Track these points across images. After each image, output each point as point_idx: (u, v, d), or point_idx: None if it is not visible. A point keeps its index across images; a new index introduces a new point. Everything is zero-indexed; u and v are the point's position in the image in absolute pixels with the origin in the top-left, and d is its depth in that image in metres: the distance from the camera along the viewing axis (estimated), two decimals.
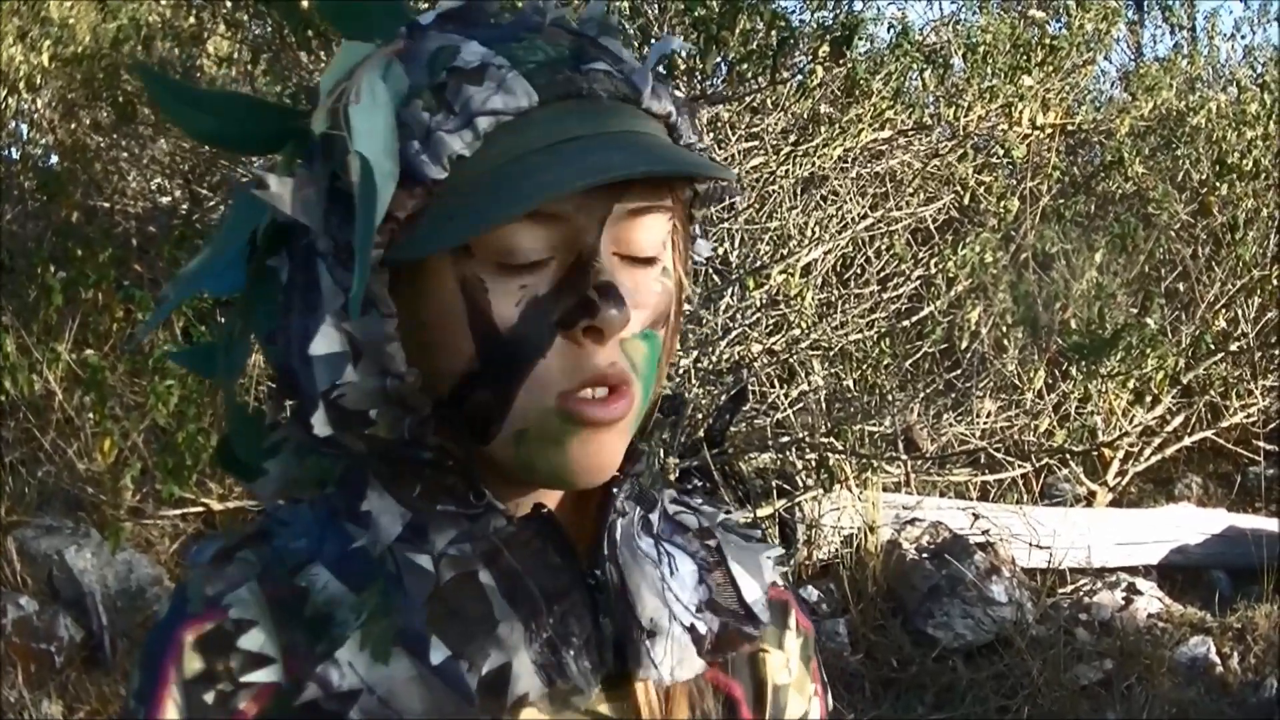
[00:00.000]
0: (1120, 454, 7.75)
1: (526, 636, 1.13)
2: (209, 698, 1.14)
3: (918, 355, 7.49)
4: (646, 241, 1.13)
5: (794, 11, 6.38)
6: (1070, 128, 8.30)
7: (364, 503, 1.14)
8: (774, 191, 6.84)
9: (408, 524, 1.13)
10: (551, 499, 1.18)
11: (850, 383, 7.21)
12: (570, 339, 1.09)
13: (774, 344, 6.91)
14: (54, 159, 8.69)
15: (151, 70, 1.22)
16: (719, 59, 5.98)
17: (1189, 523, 7.20)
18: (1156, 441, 7.86)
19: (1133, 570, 6.92)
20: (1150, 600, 6.53)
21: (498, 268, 1.08)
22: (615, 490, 1.19)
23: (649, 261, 1.13)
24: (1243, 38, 10.90)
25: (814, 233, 6.94)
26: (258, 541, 1.21)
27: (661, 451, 1.26)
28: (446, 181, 1.06)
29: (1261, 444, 8.08)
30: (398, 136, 1.07)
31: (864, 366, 7.11)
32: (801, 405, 7.18)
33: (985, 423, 7.32)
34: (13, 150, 8.87)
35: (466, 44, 1.09)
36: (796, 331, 6.80)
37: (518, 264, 1.09)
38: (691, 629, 1.19)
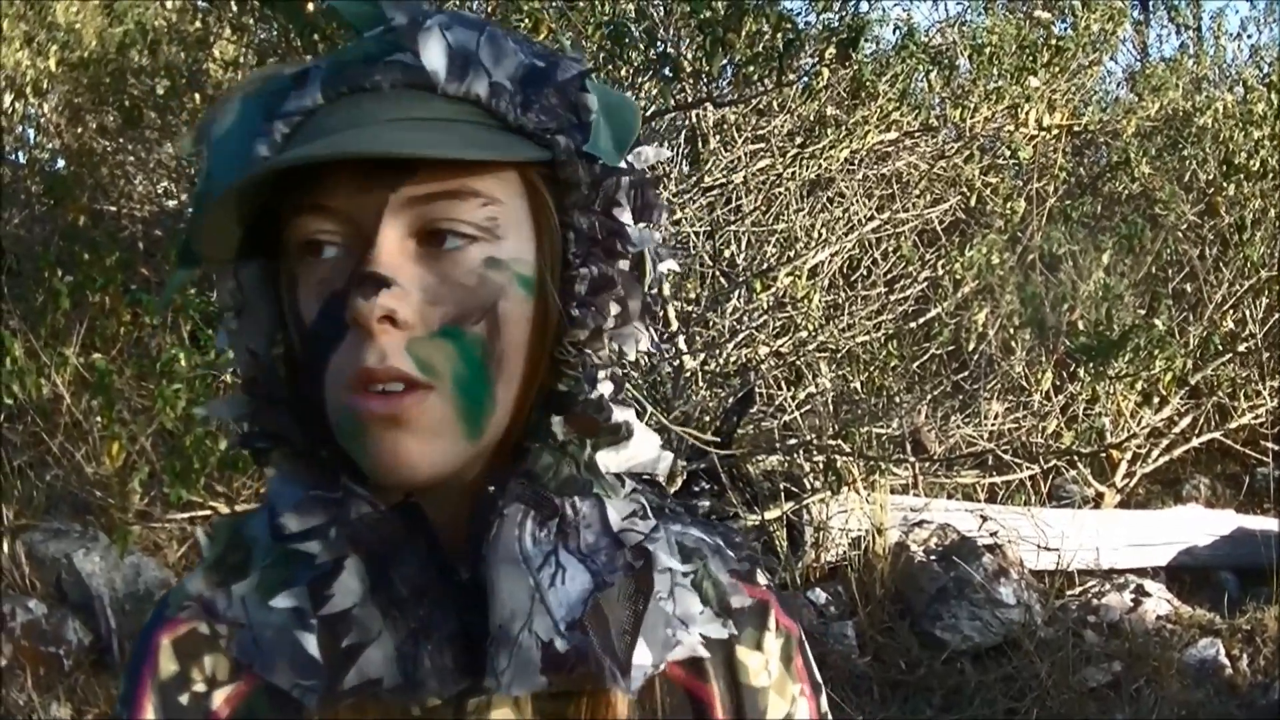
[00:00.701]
0: (1128, 455, 7.74)
1: (387, 624, 1.12)
2: (184, 699, 1.17)
3: (925, 357, 7.49)
4: (448, 228, 1.10)
5: (800, 14, 6.37)
6: (1077, 129, 8.30)
7: (273, 479, 1.19)
8: (780, 194, 6.84)
9: (295, 501, 1.15)
10: (434, 492, 1.15)
11: (857, 385, 7.21)
12: (355, 335, 1.08)
13: (781, 346, 6.90)
14: (60, 163, 8.70)
15: None
16: (725, 61, 5.97)
17: (1197, 524, 7.19)
18: (1164, 443, 7.85)
19: (1141, 572, 6.91)
20: (1159, 602, 6.52)
21: (301, 262, 1.11)
22: (492, 488, 1.15)
23: (456, 252, 1.10)
24: (1249, 37, 10.94)
25: (821, 235, 6.93)
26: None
27: (580, 455, 1.19)
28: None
29: (1269, 445, 8.08)
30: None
31: (871, 368, 7.11)
32: (809, 407, 7.18)
33: (993, 424, 7.31)
34: (19, 154, 8.88)
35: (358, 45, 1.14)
36: (803, 334, 6.80)
37: (313, 255, 1.10)
38: (549, 644, 1.12)
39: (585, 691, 1.16)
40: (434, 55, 1.12)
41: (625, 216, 1.19)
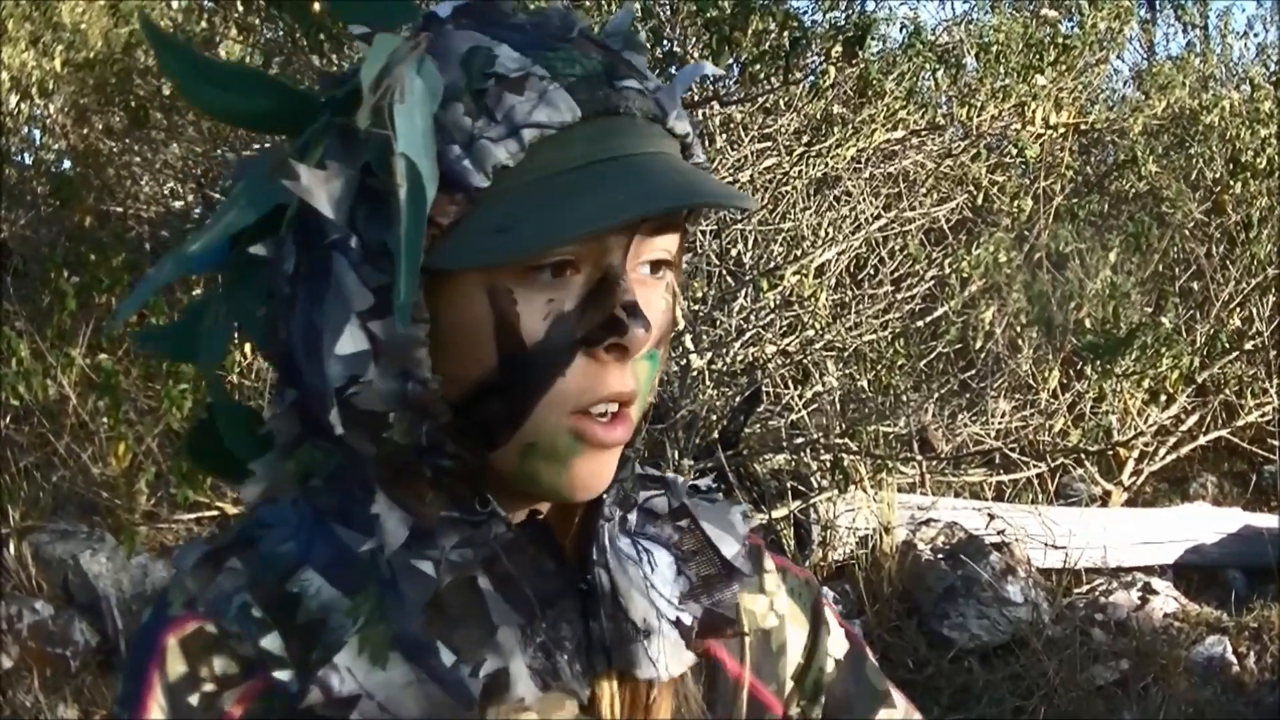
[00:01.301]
0: (1135, 453, 7.74)
1: (522, 641, 1.14)
2: (194, 700, 1.15)
3: (932, 356, 7.48)
4: (658, 262, 1.14)
5: (806, 12, 6.37)
6: (1083, 127, 8.29)
7: (373, 505, 1.13)
8: (787, 192, 6.83)
9: (410, 528, 1.13)
10: (541, 504, 1.19)
11: (864, 383, 7.20)
12: (592, 356, 1.10)
13: (788, 345, 6.90)
14: (66, 164, 8.72)
15: (164, 37, 1.16)
16: (731, 60, 5.96)
17: (1204, 522, 7.19)
18: (1171, 441, 7.85)
19: (1148, 570, 6.91)
20: (1166, 600, 6.52)
21: (525, 279, 1.08)
22: (604, 497, 1.19)
23: (659, 280, 1.15)
24: (1255, 36, 10.93)
25: (827, 233, 6.93)
26: (243, 547, 1.20)
27: (640, 456, 1.27)
28: (487, 190, 1.06)
29: (1277, 443, 8.06)
30: (435, 139, 1.06)
31: (878, 367, 7.10)
32: (816, 406, 7.18)
33: (1000, 423, 7.31)
34: (25, 156, 8.90)
35: (499, 47, 1.08)
36: (810, 332, 6.79)
37: (545, 275, 1.08)
38: (677, 623, 1.20)
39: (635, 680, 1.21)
40: (670, 93, 1.14)
41: None
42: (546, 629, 1.15)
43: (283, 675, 1.13)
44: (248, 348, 5.59)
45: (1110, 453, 7.55)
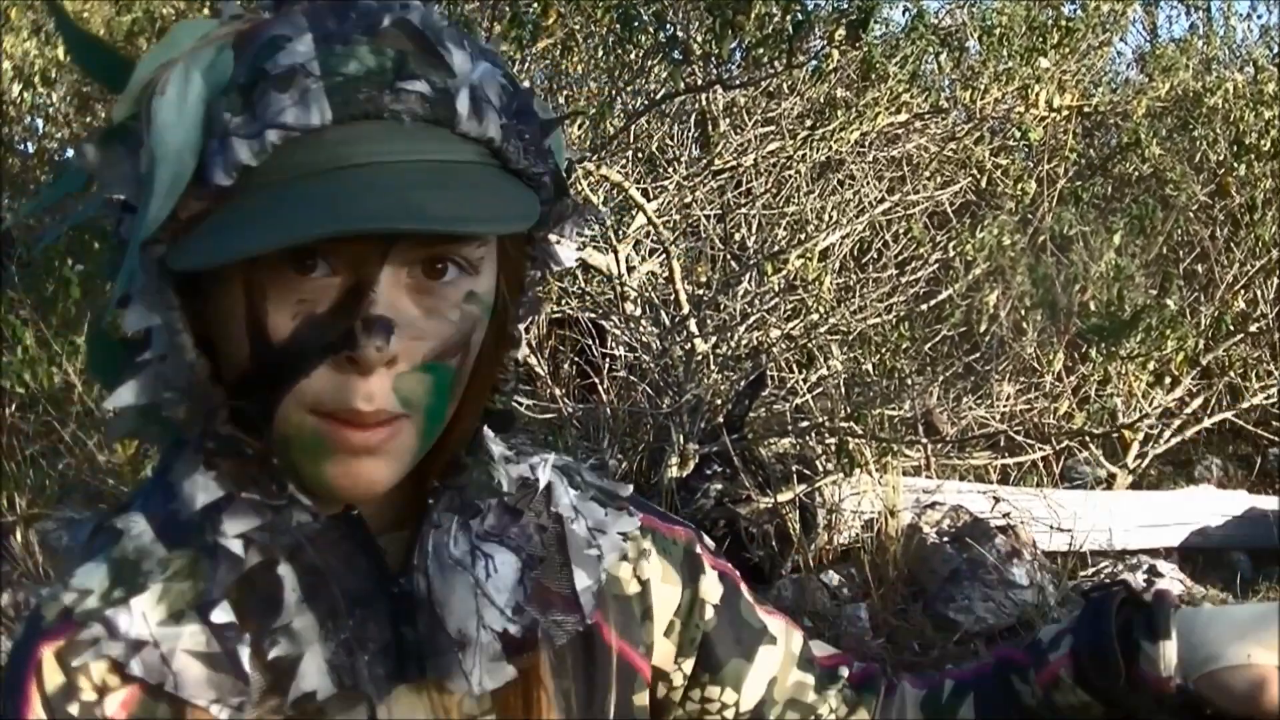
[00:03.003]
0: (1140, 436, 7.74)
1: (321, 634, 1.14)
2: (73, 709, 1.13)
3: (937, 339, 7.48)
4: (444, 270, 1.11)
5: None
6: (1087, 110, 8.28)
7: (171, 472, 1.15)
8: (791, 176, 6.84)
9: (221, 501, 1.13)
10: (370, 503, 1.18)
11: (869, 367, 7.21)
12: (336, 364, 1.07)
13: (792, 329, 6.91)
14: (69, 152, 8.71)
15: (60, 11, 1.19)
16: (734, 44, 5.96)
17: (1209, 505, 7.19)
18: (1176, 423, 7.84)
19: (1154, 552, 6.91)
20: (1171, 582, 6.52)
21: (279, 277, 1.06)
22: (431, 501, 1.20)
23: (444, 287, 1.11)
24: (1259, 17, 10.87)
25: (831, 217, 6.93)
26: (122, 509, 1.20)
27: (487, 463, 1.26)
28: (230, 189, 1.04)
29: None
30: (203, 132, 1.05)
31: (883, 350, 7.10)
32: (820, 390, 7.18)
33: (1005, 406, 7.31)
34: (28, 144, 8.89)
35: (300, 38, 1.06)
36: (815, 316, 6.80)
37: (294, 270, 1.07)
38: (503, 633, 1.20)
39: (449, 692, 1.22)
40: (463, 99, 1.09)
41: (561, 238, 1.23)
42: (352, 627, 1.15)
43: (84, 608, 1.13)
44: None
45: (1115, 435, 7.54)
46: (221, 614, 1.12)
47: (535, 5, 5.65)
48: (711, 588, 1.43)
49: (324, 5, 1.10)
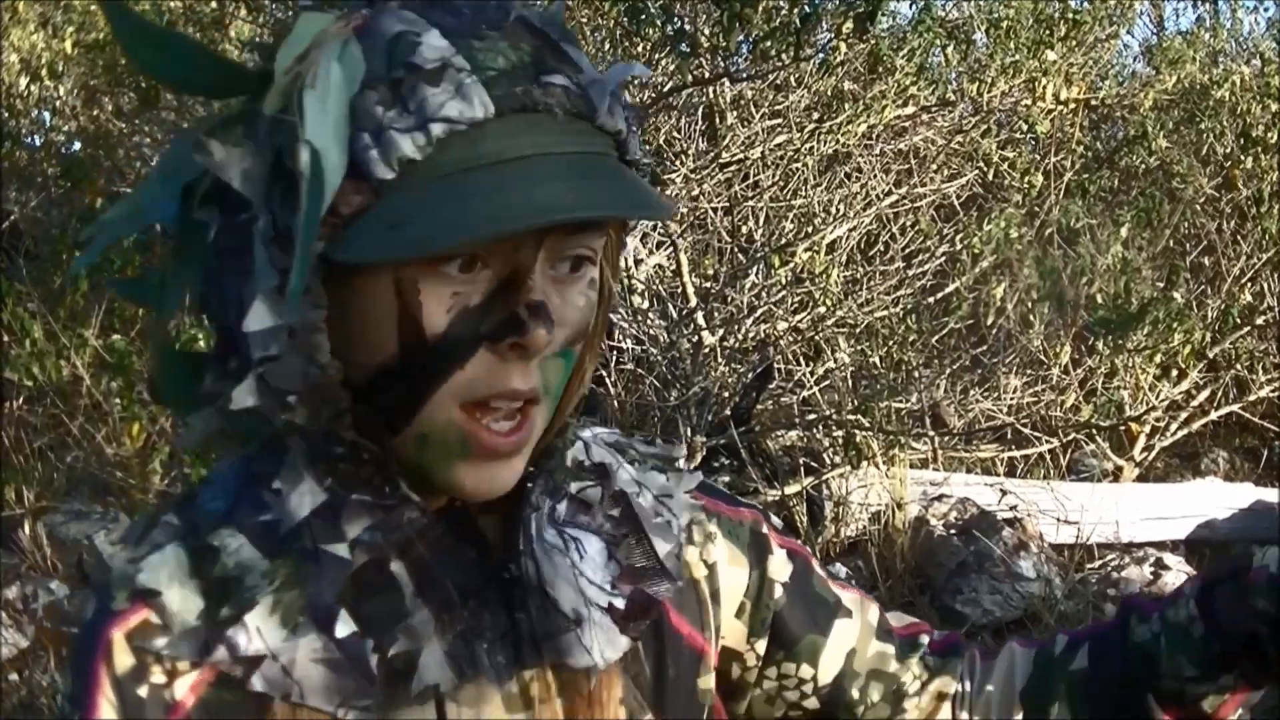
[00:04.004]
0: (1147, 429, 7.73)
1: (438, 628, 1.15)
2: (143, 691, 1.13)
3: (944, 331, 7.48)
4: (579, 259, 1.14)
5: None
6: (1093, 102, 8.28)
7: (278, 479, 1.14)
8: (798, 169, 6.83)
9: (324, 505, 1.14)
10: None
11: (876, 360, 7.20)
12: (494, 353, 1.10)
13: (799, 322, 6.91)
14: (77, 145, 8.72)
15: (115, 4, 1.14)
16: (742, 37, 5.96)
17: (1216, 497, 7.18)
18: (1183, 416, 7.83)
19: (1160, 545, 6.90)
20: (1178, 575, 6.51)
21: (432, 271, 1.08)
22: (530, 485, 1.21)
23: (578, 278, 1.14)
24: (1266, 10, 10.84)
25: (839, 210, 6.93)
26: (184, 503, 1.21)
27: (571, 446, 1.28)
28: (392, 183, 1.05)
29: None
30: (348, 126, 1.05)
31: (890, 343, 7.10)
32: (828, 383, 7.18)
33: (1012, 398, 7.31)
34: (36, 137, 8.91)
35: (428, 34, 1.07)
36: (822, 309, 6.79)
37: (453, 269, 1.08)
38: (610, 608, 1.22)
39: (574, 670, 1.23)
40: (601, 89, 1.12)
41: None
42: (467, 618, 1.17)
43: (185, 629, 1.13)
44: None
45: (1122, 428, 7.53)
46: (344, 623, 1.13)
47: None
48: (780, 567, 1.45)
49: (419, 1, 1.11)
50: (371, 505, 1.14)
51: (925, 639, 1.55)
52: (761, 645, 1.44)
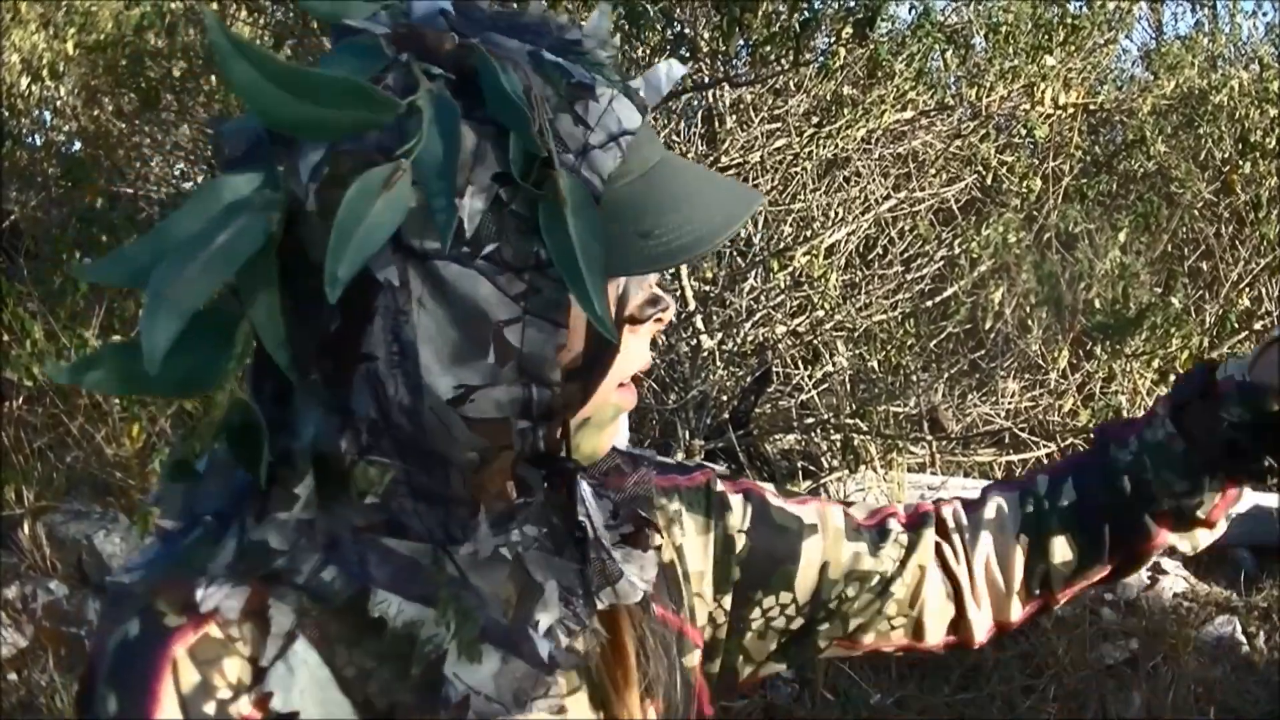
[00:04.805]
0: None
1: (554, 595, 1.20)
2: (209, 708, 1.12)
3: (942, 336, 7.48)
4: None
5: None
6: (1092, 107, 8.27)
7: (462, 508, 1.15)
8: (797, 173, 6.83)
9: (494, 518, 1.17)
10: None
11: (874, 363, 7.21)
12: (633, 332, 1.17)
13: (798, 325, 6.92)
14: (77, 145, 8.73)
15: (233, 41, 1.05)
16: (741, 41, 5.97)
17: None
18: None
19: None
20: (1175, 580, 6.52)
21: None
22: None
23: None
24: (1264, 15, 10.84)
25: (837, 214, 6.93)
26: (272, 580, 1.14)
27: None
28: (601, 198, 1.09)
29: None
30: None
31: (888, 347, 7.11)
32: (826, 386, 7.19)
33: (1010, 403, 7.32)
34: (36, 137, 8.92)
35: (542, 54, 1.10)
36: (820, 313, 6.80)
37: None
38: (625, 538, 1.29)
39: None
40: (652, 91, 1.19)
41: None
42: (561, 579, 1.21)
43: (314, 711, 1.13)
44: None
45: None
46: (544, 645, 1.18)
47: (543, 2, 5.66)
48: (739, 516, 1.49)
49: (457, 18, 1.13)
50: (523, 505, 1.20)
51: (894, 522, 1.58)
52: (727, 600, 1.48)
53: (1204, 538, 1.60)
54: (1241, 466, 1.54)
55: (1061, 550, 1.59)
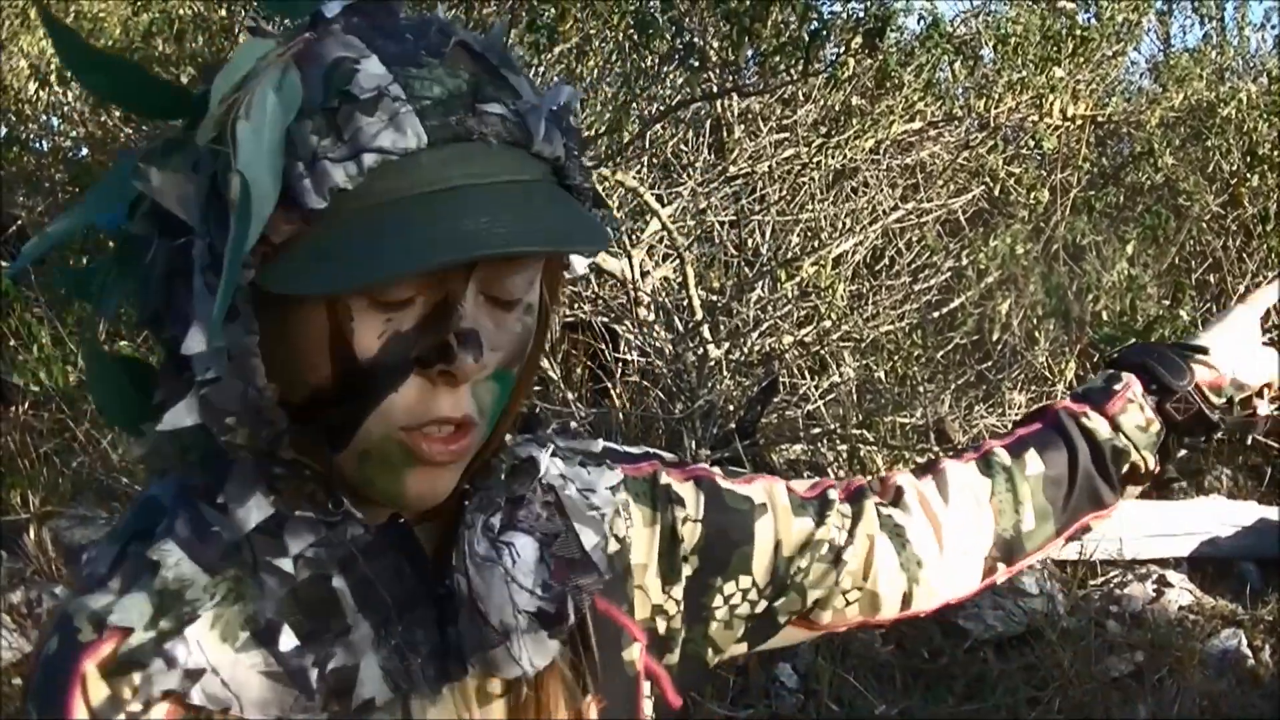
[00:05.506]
0: None
1: (374, 642, 1.17)
2: None
3: (949, 347, 7.48)
4: (514, 286, 1.15)
5: (825, 3, 6.36)
6: (1100, 119, 8.27)
7: (222, 494, 1.15)
8: (805, 183, 6.84)
9: (268, 521, 1.15)
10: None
11: (881, 374, 7.21)
12: (425, 377, 1.12)
13: (805, 335, 6.91)
14: (84, 151, 8.72)
15: (57, 24, 1.16)
16: (750, 51, 5.97)
17: (1220, 515, 7.17)
18: None
19: (1163, 562, 6.90)
20: (1181, 592, 6.51)
21: (366, 298, 1.10)
22: (466, 503, 1.23)
23: (513, 303, 1.16)
24: (1273, 28, 10.89)
25: (845, 224, 6.94)
26: (143, 535, 1.20)
27: (507, 464, 1.30)
28: (324, 212, 1.06)
29: None
30: (283, 155, 1.06)
31: (895, 358, 7.11)
32: (832, 397, 7.18)
33: (1016, 414, 7.30)
34: (43, 142, 8.91)
35: (367, 60, 1.08)
36: (827, 323, 6.80)
37: (386, 301, 1.10)
38: (539, 613, 1.23)
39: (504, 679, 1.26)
40: (537, 115, 1.13)
41: None
42: (402, 632, 1.18)
43: (135, 642, 1.14)
44: None
45: None
46: (287, 637, 1.15)
47: (552, 10, 5.66)
48: (690, 504, 1.47)
49: (364, 23, 1.12)
50: (315, 521, 1.16)
51: (833, 492, 1.57)
52: (678, 590, 1.46)
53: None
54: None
55: (1029, 519, 1.63)
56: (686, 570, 1.46)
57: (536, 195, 1.12)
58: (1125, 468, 1.65)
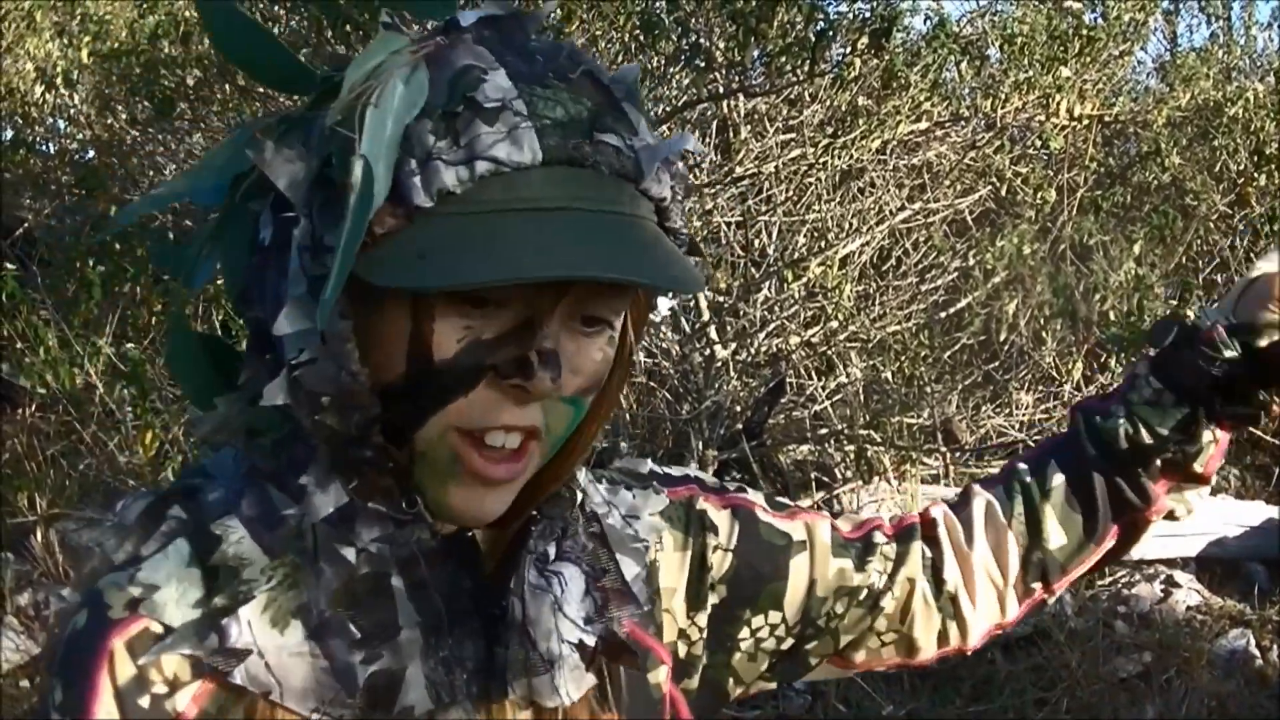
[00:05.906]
0: None
1: (423, 650, 1.17)
2: (144, 702, 1.14)
3: (956, 347, 7.47)
4: (602, 313, 1.15)
5: (832, 3, 6.36)
6: (1107, 119, 8.27)
7: (304, 476, 1.15)
8: (812, 184, 6.83)
9: (339, 509, 1.14)
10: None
11: (888, 375, 7.20)
12: (498, 389, 1.11)
13: (812, 336, 6.91)
14: (91, 153, 8.73)
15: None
16: (757, 52, 5.97)
17: (1227, 515, 7.16)
18: None
19: (1171, 563, 6.89)
20: (1189, 593, 6.51)
21: (451, 302, 1.10)
22: (533, 529, 1.23)
23: (596, 332, 1.16)
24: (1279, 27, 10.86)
25: (852, 225, 6.93)
26: (185, 496, 1.22)
27: (579, 496, 1.30)
28: (429, 211, 1.07)
29: None
30: (399, 149, 1.07)
31: (902, 358, 7.10)
32: (840, 397, 7.18)
33: (1024, 414, 7.31)
34: (50, 145, 8.92)
35: (494, 73, 1.09)
36: (834, 323, 6.79)
37: (472, 307, 1.10)
38: (580, 644, 1.23)
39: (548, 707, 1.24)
40: (651, 154, 1.14)
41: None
42: (451, 645, 1.18)
43: (184, 621, 1.15)
44: None
45: None
46: (339, 631, 1.15)
47: (558, 10, 5.66)
48: (724, 533, 1.46)
49: (496, 37, 1.13)
50: (385, 517, 1.16)
51: (879, 534, 1.56)
52: (703, 618, 1.45)
53: (1195, 498, 1.61)
54: (1231, 408, 1.56)
55: (1056, 534, 1.59)
56: (713, 599, 1.45)
57: (638, 230, 1.12)
58: (1157, 459, 1.57)
